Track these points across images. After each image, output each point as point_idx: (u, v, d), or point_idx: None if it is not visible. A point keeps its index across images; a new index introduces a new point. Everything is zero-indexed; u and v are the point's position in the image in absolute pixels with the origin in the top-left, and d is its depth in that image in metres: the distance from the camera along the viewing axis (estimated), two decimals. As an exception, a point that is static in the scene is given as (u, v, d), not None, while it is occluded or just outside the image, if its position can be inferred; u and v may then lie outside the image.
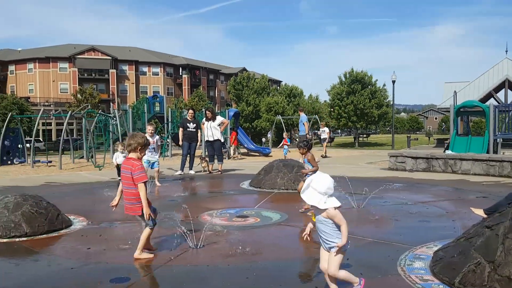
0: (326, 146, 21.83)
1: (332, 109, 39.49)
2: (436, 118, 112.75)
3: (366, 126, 41.16)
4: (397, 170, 12.92)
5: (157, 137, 10.34)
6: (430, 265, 3.94)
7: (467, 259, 3.46)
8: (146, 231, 4.45)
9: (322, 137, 22.15)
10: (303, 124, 17.30)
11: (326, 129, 22.28)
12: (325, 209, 3.13)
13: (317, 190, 3.13)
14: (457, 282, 3.39)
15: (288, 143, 18.97)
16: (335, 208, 3.15)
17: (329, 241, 3.21)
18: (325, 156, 19.57)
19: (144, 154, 4.64)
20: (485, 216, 4.58)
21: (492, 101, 28.30)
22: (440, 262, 3.79)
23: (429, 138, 42.84)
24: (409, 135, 41.11)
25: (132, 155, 4.42)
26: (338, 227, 3.17)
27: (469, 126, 21.06)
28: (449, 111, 20.31)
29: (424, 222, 5.93)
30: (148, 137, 9.04)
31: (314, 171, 6.24)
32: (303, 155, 6.65)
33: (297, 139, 33.86)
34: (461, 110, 18.05)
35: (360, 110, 36.86)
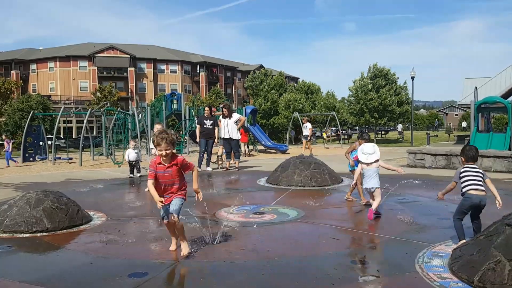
0: (309, 144, 19.94)
1: (352, 104, 38.73)
2: (456, 115, 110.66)
3: (385, 123, 40.61)
4: (416, 167, 12.77)
5: None
6: (449, 263, 3.90)
7: (487, 257, 3.41)
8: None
9: (304, 134, 20.10)
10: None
11: (309, 125, 19.97)
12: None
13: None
14: (476, 280, 3.34)
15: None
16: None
17: None
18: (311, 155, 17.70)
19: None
20: None
21: (514, 97, 27.66)
22: (459, 260, 3.74)
23: (449, 134, 41.96)
24: (428, 131, 40.46)
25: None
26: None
27: (490, 122, 20.66)
28: (469, 107, 19.94)
29: (443, 219, 5.85)
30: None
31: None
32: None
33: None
34: (482, 106, 17.73)
35: (383, 105, 36.36)
